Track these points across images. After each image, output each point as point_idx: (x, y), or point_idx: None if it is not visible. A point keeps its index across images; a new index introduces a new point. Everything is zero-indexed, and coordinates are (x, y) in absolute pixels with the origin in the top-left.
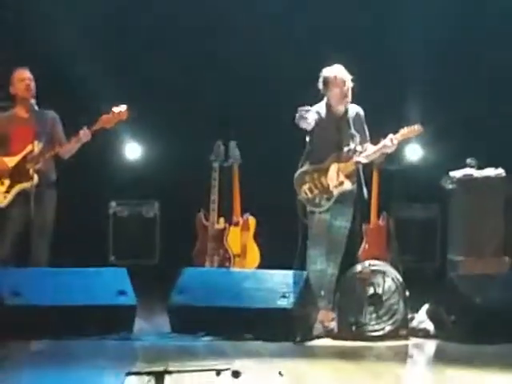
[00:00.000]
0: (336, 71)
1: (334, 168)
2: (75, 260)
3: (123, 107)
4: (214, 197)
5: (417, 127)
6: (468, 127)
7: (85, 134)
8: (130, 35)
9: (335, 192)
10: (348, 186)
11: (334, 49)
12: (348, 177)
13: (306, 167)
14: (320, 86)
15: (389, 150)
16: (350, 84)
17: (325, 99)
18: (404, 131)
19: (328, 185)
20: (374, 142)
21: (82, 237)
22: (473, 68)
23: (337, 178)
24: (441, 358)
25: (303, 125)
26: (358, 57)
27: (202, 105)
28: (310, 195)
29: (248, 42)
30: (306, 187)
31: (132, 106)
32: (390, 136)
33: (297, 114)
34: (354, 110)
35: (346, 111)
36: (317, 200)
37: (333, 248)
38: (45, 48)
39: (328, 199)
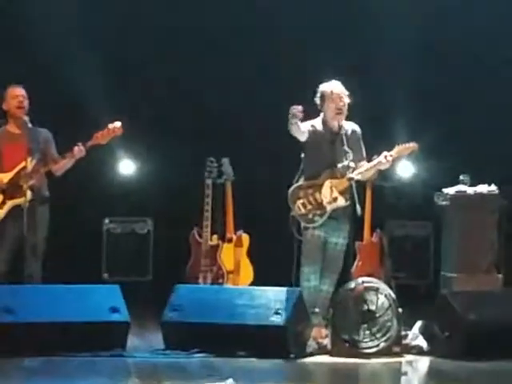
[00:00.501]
0: (333, 86)
1: (327, 184)
2: (68, 277)
3: (118, 123)
4: (208, 213)
5: (412, 145)
6: (461, 144)
7: (79, 151)
8: (127, 52)
9: (328, 208)
10: (342, 202)
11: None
12: (342, 193)
13: (300, 182)
14: (317, 100)
15: (383, 167)
16: (346, 100)
17: (321, 115)
18: (399, 148)
19: (322, 201)
20: (368, 159)
21: (76, 254)
22: (467, 83)
23: (330, 194)
24: (434, 375)
25: (296, 133)
26: (351, 73)
27: (196, 122)
28: (303, 211)
29: (242, 59)
30: (299, 202)
31: (126, 123)
32: (385, 153)
33: (289, 113)
34: (350, 127)
35: (341, 127)
36: (310, 216)
37: (328, 265)
38: (40, 65)
39: (321, 215)
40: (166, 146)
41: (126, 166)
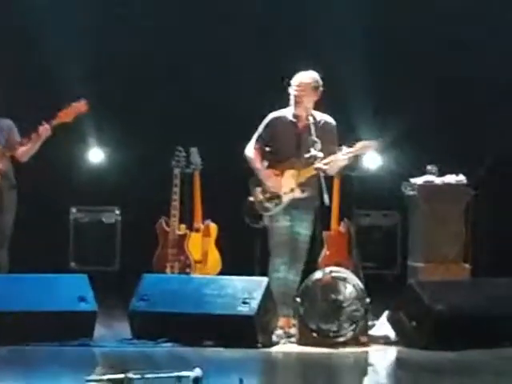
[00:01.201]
0: (297, 77)
1: (287, 174)
2: (35, 266)
3: (82, 101)
4: (175, 203)
5: (373, 143)
6: (429, 134)
7: (44, 129)
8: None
9: (284, 199)
10: (297, 194)
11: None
12: (300, 185)
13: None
14: (289, 90)
15: (341, 163)
16: (311, 90)
17: (291, 104)
18: (360, 145)
19: (279, 190)
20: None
21: (43, 243)
22: (434, 74)
23: (288, 185)
24: (402, 364)
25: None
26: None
27: (164, 111)
28: (260, 197)
29: (209, 48)
30: (258, 189)
31: (96, 111)
32: (344, 149)
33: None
34: (323, 118)
35: (311, 118)
36: (266, 204)
37: (295, 256)
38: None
39: (277, 205)
40: (134, 135)
41: (95, 155)
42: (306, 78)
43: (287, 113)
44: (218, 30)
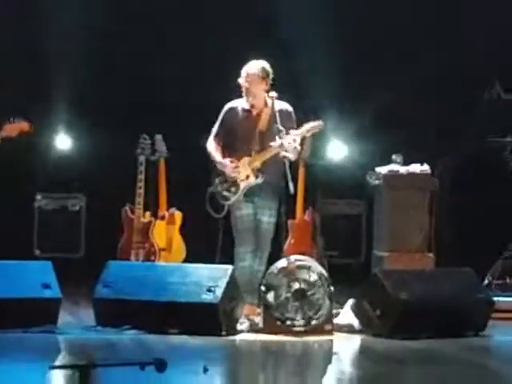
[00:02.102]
0: (246, 67)
1: (243, 161)
2: (0, 253)
3: (25, 124)
4: (140, 190)
5: (318, 123)
6: (394, 123)
7: None
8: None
9: (242, 186)
10: (252, 180)
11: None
12: (257, 171)
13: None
14: (241, 80)
15: (294, 144)
16: (260, 79)
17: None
18: (305, 127)
19: (236, 178)
20: None
21: (7, 229)
22: (402, 61)
23: (244, 172)
24: (365, 353)
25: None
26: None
27: (129, 97)
28: (220, 187)
29: (172, 35)
30: (219, 179)
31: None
32: (292, 132)
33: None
34: (280, 106)
35: (267, 106)
36: (224, 192)
37: (259, 243)
38: None
39: (234, 193)
40: (99, 122)
41: (62, 142)
42: (253, 68)
43: (242, 102)
44: (184, 17)
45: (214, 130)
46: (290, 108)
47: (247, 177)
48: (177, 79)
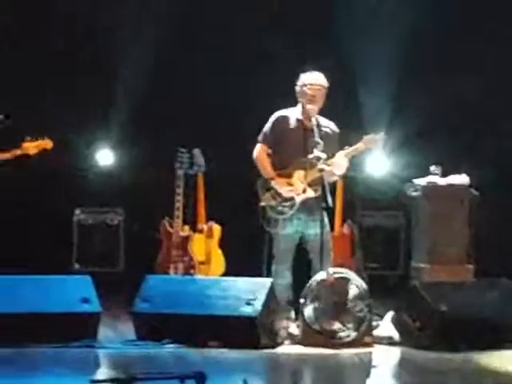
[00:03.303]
0: (312, 76)
1: (297, 175)
2: (39, 267)
3: (47, 140)
4: (179, 204)
5: (379, 136)
6: (433, 135)
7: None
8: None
9: (298, 200)
10: (311, 193)
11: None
12: (311, 184)
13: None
14: (296, 90)
15: (344, 163)
16: (322, 91)
17: (298, 106)
18: (366, 139)
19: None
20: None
21: (46, 244)
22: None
23: (299, 186)
24: (406, 365)
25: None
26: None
27: (168, 111)
28: (272, 202)
29: (216, 48)
30: (268, 194)
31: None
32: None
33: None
34: (327, 124)
35: (316, 119)
36: (280, 207)
37: (317, 257)
38: None
39: (291, 207)
40: (138, 137)
41: (103, 157)
42: (323, 79)
43: (293, 112)
44: (225, 31)
45: (262, 136)
46: (336, 129)
47: (304, 191)
48: (216, 93)
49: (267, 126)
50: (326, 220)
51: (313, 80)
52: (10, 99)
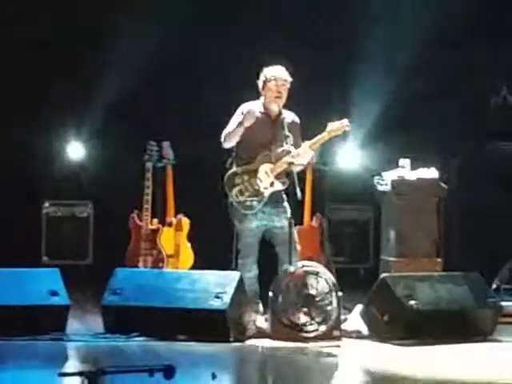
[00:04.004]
0: (276, 71)
1: (263, 169)
2: (8, 260)
3: None
4: (148, 197)
5: (344, 122)
6: (401, 127)
7: None
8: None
9: (266, 193)
10: (278, 186)
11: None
12: (278, 177)
13: (234, 169)
14: (259, 83)
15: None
16: (287, 86)
17: (261, 99)
18: (331, 127)
19: (258, 186)
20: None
21: (15, 237)
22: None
23: (267, 180)
24: (374, 358)
25: (234, 137)
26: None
27: (137, 104)
28: (240, 198)
29: (184, 42)
30: (236, 190)
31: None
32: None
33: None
34: (290, 115)
35: (281, 113)
36: (248, 203)
37: (283, 249)
38: None
39: (259, 201)
40: (106, 129)
41: (74, 149)
42: (287, 74)
43: (257, 105)
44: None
45: (231, 127)
46: (297, 119)
47: (272, 184)
48: (184, 85)
49: (235, 117)
50: (289, 212)
51: (277, 75)
52: None
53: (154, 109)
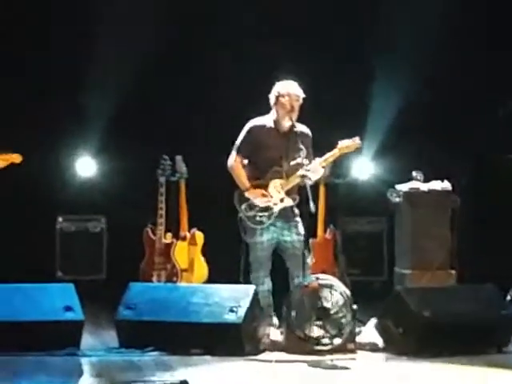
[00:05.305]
0: (289, 87)
1: (273, 184)
2: (22, 275)
3: (18, 156)
4: (161, 211)
5: (355, 140)
6: (414, 140)
7: None
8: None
9: (275, 209)
10: (289, 202)
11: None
12: (288, 193)
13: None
14: (271, 99)
15: (322, 168)
16: (300, 101)
17: (272, 113)
18: (341, 145)
19: (269, 202)
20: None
21: (29, 252)
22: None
23: (277, 195)
24: (389, 371)
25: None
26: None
27: (150, 119)
28: (250, 213)
29: (198, 59)
30: (246, 204)
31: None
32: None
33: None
34: (302, 129)
35: (293, 127)
36: (257, 218)
37: (293, 264)
38: None
39: (269, 216)
40: (120, 144)
41: (84, 164)
42: (297, 89)
43: (268, 120)
44: (208, 40)
45: (237, 146)
46: (310, 133)
47: (282, 200)
48: (197, 100)
49: (242, 136)
50: (302, 227)
51: (291, 90)
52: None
53: (167, 122)
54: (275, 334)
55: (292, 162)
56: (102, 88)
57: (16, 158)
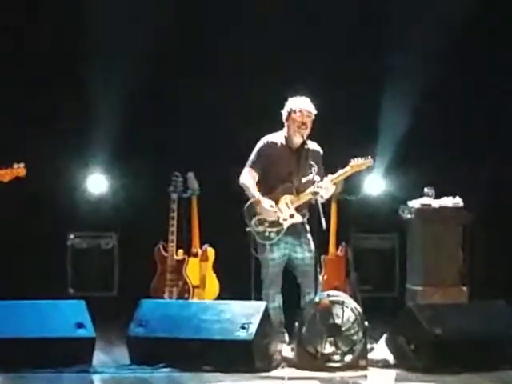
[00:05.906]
0: (302, 103)
1: (284, 200)
2: (33, 292)
3: (21, 165)
4: (173, 228)
5: (367, 160)
6: (426, 157)
7: None
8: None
9: (285, 225)
10: (298, 219)
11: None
12: (298, 209)
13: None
14: (283, 115)
15: (335, 186)
16: (311, 117)
17: (284, 129)
18: (353, 164)
19: (278, 217)
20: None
21: (40, 269)
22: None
23: (287, 211)
24: None
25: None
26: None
27: (161, 136)
28: (259, 228)
29: (209, 72)
30: (255, 219)
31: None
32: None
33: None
34: (313, 146)
35: (305, 143)
36: (266, 233)
37: (304, 281)
38: None
39: (277, 232)
40: (131, 161)
41: (95, 181)
42: (312, 106)
43: (280, 136)
44: (218, 56)
45: (250, 162)
46: (321, 150)
47: (291, 216)
48: (208, 116)
49: (254, 152)
50: (312, 244)
51: (303, 106)
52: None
53: (178, 139)
54: (286, 351)
55: (303, 179)
56: (113, 106)
57: (21, 172)
